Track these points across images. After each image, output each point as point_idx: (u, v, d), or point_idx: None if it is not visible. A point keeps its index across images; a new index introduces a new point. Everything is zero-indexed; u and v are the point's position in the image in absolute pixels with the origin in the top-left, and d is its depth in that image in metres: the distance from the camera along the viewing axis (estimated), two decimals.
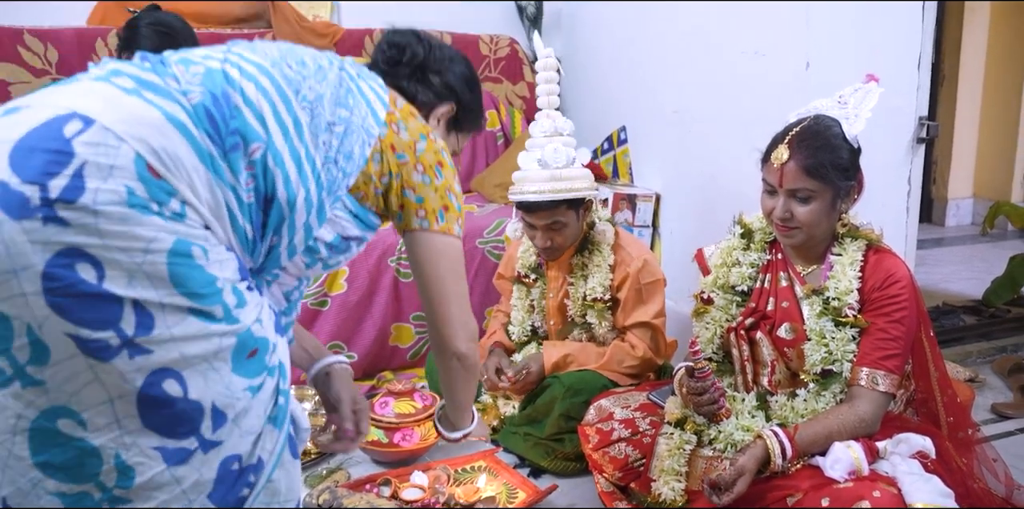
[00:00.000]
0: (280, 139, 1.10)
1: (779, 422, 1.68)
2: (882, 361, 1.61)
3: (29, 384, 0.95)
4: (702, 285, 1.90)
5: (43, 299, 0.91)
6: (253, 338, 1.06)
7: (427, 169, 1.29)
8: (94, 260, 0.93)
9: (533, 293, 2.47)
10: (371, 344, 2.81)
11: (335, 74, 1.23)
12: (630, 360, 2.28)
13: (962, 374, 2.79)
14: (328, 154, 1.17)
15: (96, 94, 1.02)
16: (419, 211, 1.29)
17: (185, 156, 1.00)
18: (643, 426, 1.94)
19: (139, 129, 0.98)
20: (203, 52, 1.15)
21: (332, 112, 1.18)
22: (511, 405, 2.38)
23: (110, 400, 0.96)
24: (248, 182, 1.08)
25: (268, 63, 1.14)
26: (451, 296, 1.35)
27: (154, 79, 1.06)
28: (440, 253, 1.33)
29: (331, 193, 1.20)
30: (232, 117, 1.06)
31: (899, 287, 1.63)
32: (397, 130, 1.27)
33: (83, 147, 0.94)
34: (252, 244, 1.12)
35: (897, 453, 1.56)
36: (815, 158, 1.62)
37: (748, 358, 1.81)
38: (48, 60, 3.10)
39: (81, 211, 0.92)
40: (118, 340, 0.94)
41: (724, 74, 2.67)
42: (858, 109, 1.69)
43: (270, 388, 1.09)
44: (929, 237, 5.20)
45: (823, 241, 1.73)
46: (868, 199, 2.13)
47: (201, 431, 1.01)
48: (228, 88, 1.08)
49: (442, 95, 1.47)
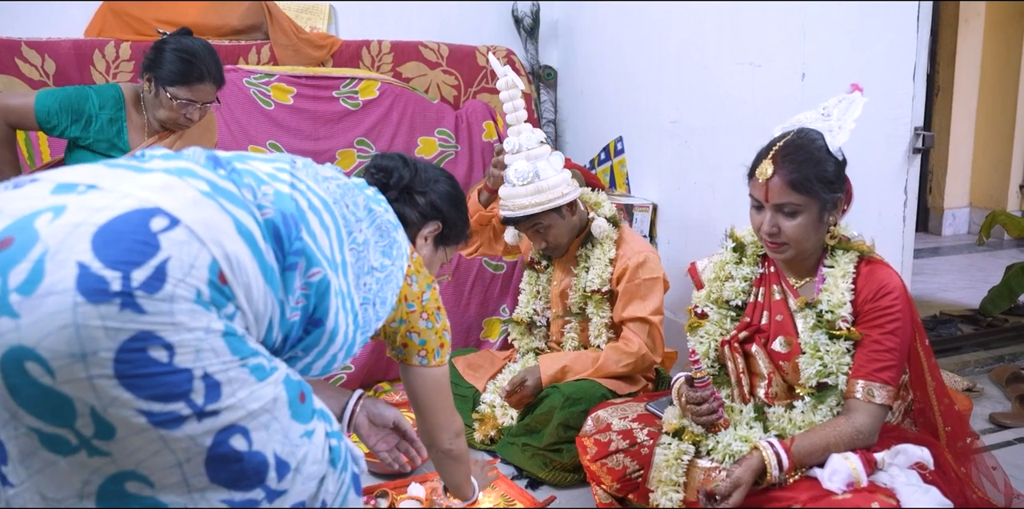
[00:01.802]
0: (332, 273, 1.16)
1: (777, 433, 1.68)
2: (877, 373, 1.61)
3: (95, 454, 0.94)
4: (695, 299, 1.90)
5: (114, 381, 0.91)
6: (293, 382, 1.08)
7: (430, 316, 1.49)
8: (166, 343, 0.93)
9: (541, 279, 2.54)
10: (368, 355, 2.81)
11: (383, 222, 1.35)
12: (626, 358, 2.29)
13: (960, 384, 2.78)
14: (367, 296, 1.28)
15: (176, 192, 1.03)
16: (421, 352, 1.51)
17: (249, 265, 1.03)
18: (641, 437, 1.93)
19: (216, 234, 1.00)
20: (267, 169, 1.18)
21: (376, 258, 1.30)
22: (509, 416, 2.37)
23: (178, 464, 0.96)
24: (299, 301, 1.12)
25: (331, 200, 1.22)
26: (441, 411, 1.61)
27: (230, 188, 1.08)
28: (436, 383, 1.57)
29: (363, 334, 1.29)
30: (298, 239, 1.10)
31: (892, 298, 1.63)
32: (411, 282, 1.43)
33: (168, 243, 0.95)
34: (272, 353, 1.13)
35: (895, 464, 1.55)
36: (799, 172, 1.61)
37: (743, 371, 1.81)
38: (46, 72, 3.11)
39: (159, 301, 0.93)
40: (189, 410, 0.95)
41: (721, 85, 2.68)
42: (841, 120, 1.68)
43: (322, 431, 1.11)
44: (926, 246, 5.21)
45: (814, 254, 1.73)
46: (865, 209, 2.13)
47: (267, 482, 1.02)
48: (297, 215, 1.12)
49: (428, 215, 1.62)
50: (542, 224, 2.30)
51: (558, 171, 2.29)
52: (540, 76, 3.89)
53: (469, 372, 2.55)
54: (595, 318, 2.37)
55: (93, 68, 3.14)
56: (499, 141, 3.77)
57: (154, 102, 2.32)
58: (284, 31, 3.47)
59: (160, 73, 2.27)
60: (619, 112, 3.35)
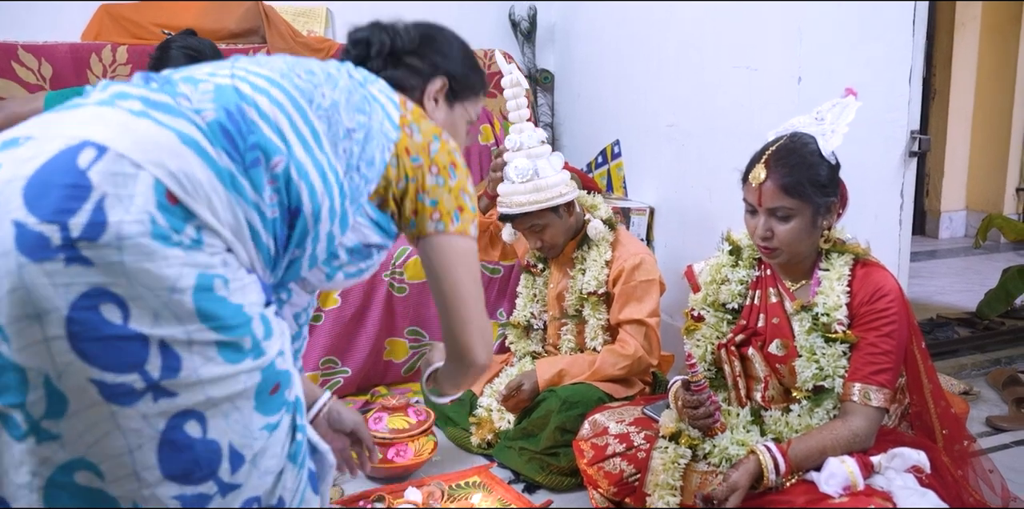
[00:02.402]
0: (301, 151, 1.07)
1: (774, 437, 1.67)
2: (874, 376, 1.61)
3: (45, 439, 0.91)
4: (692, 303, 1.90)
5: (67, 344, 0.88)
6: (276, 372, 1.03)
7: (441, 170, 1.24)
8: (119, 300, 0.89)
9: (538, 282, 2.53)
10: (365, 359, 2.80)
11: (346, 80, 1.19)
12: (622, 361, 2.29)
13: (956, 387, 2.78)
14: (350, 162, 1.14)
15: (104, 119, 0.98)
16: (434, 214, 1.24)
17: (203, 177, 0.97)
18: (638, 441, 1.93)
19: (155, 153, 0.94)
20: (207, 69, 1.11)
21: (350, 118, 1.15)
22: (506, 420, 2.37)
23: (129, 451, 0.92)
24: (272, 197, 1.04)
25: (277, 75, 1.11)
26: (470, 301, 1.28)
27: (164, 99, 1.02)
28: (458, 255, 1.27)
29: (354, 201, 1.17)
30: (250, 132, 1.03)
31: (887, 301, 1.63)
32: (411, 133, 1.23)
33: (100, 177, 0.90)
34: (274, 260, 1.09)
35: (892, 468, 1.55)
36: (792, 176, 1.62)
37: (740, 374, 1.81)
38: (42, 75, 3.10)
39: (105, 248, 0.88)
40: (143, 384, 0.91)
41: (717, 88, 2.68)
42: (835, 124, 1.68)
43: (287, 425, 1.06)
44: (923, 249, 5.21)
45: (808, 257, 1.73)
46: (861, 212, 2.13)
47: (219, 474, 0.97)
48: (242, 103, 1.04)
49: (427, 73, 1.38)
50: (539, 223, 2.31)
51: (557, 171, 2.31)
52: (537, 79, 3.89)
53: None
54: (591, 320, 2.37)
55: (90, 72, 3.14)
56: (496, 145, 3.78)
57: None
58: (281, 34, 3.47)
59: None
60: (616, 115, 3.35)
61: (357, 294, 2.77)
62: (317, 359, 2.73)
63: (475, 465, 2.33)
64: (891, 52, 2.33)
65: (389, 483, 2.20)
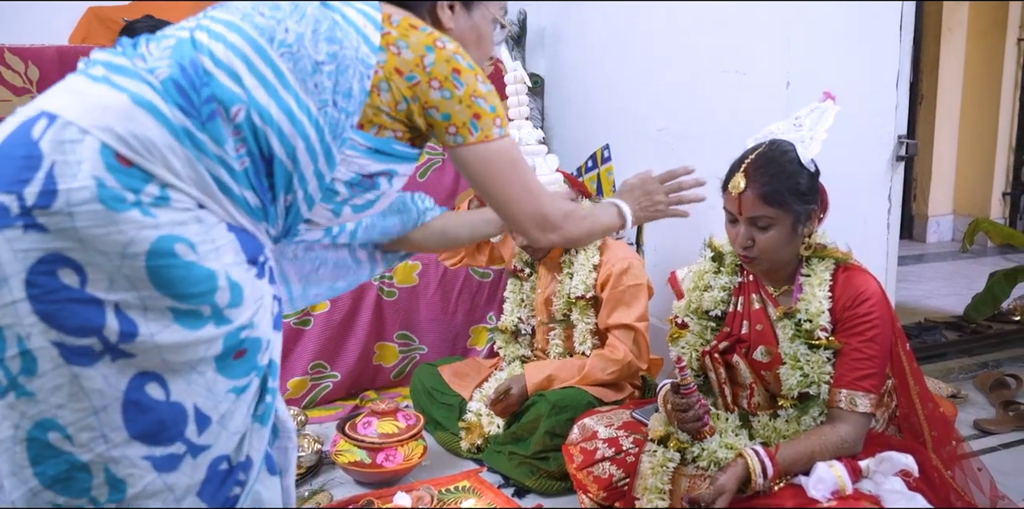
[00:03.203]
0: (263, 94, 1.04)
1: (762, 441, 1.67)
2: (859, 382, 1.60)
3: (22, 394, 0.95)
4: (676, 310, 1.89)
5: (29, 306, 0.92)
6: (240, 341, 1.03)
7: (444, 82, 1.16)
8: (75, 265, 0.93)
9: (525, 287, 2.53)
10: (354, 363, 2.79)
11: (314, 7, 1.12)
12: (611, 365, 2.29)
13: (944, 390, 2.80)
14: (323, 97, 1.09)
15: (66, 89, 1.02)
16: (449, 128, 1.18)
17: (157, 137, 0.98)
18: (627, 445, 1.93)
19: (103, 117, 0.97)
20: (184, 21, 1.11)
21: (318, 50, 1.09)
22: (495, 424, 2.36)
23: (95, 412, 0.95)
24: (239, 148, 1.04)
25: (238, 17, 1.08)
26: (511, 199, 1.25)
27: (122, 62, 1.03)
28: (485, 164, 1.21)
29: (336, 136, 1.12)
30: (204, 84, 1.02)
31: (869, 305, 1.63)
32: (398, 51, 1.14)
33: (49, 146, 0.94)
34: (263, 211, 1.09)
35: (880, 472, 1.55)
36: (771, 185, 1.61)
37: (725, 381, 1.81)
38: (29, 78, 3.08)
39: (58, 215, 0.92)
40: (100, 345, 0.94)
41: (706, 93, 2.69)
42: (813, 131, 1.68)
43: (255, 387, 1.07)
44: (910, 253, 5.24)
45: (790, 263, 1.72)
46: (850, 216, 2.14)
47: (187, 435, 1.00)
48: (197, 54, 1.03)
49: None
50: None
51: (552, 171, 2.33)
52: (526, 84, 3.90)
53: (455, 380, 2.54)
54: (580, 324, 2.37)
55: None
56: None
57: None
58: None
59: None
60: (606, 120, 3.35)
61: (346, 298, 2.77)
62: (306, 364, 2.72)
63: (465, 470, 2.32)
64: (878, 57, 2.34)
65: (378, 488, 2.19)
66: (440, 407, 2.49)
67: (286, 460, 1.19)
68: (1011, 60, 5.34)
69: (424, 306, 2.89)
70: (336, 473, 2.27)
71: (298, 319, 2.71)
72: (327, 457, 2.30)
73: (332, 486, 2.21)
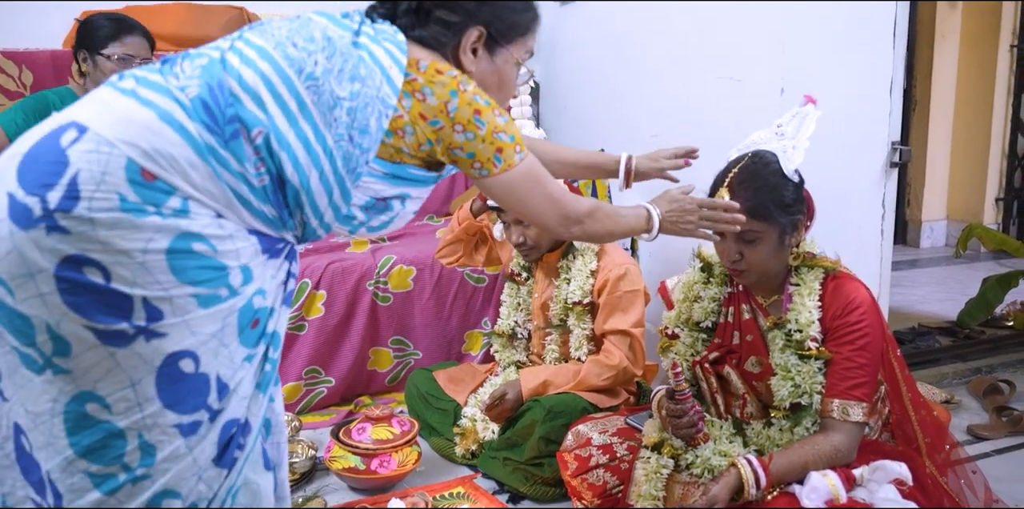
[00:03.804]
0: (283, 121, 1.10)
1: (756, 448, 1.67)
2: (851, 391, 1.60)
3: (59, 372, 1.02)
4: (666, 320, 1.89)
5: (59, 298, 0.98)
6: (253, 309, 1.11)
7: (467, 125, 1.22)
8: (99, 264, 0.99)
9: (522, 291, 2.52)
10: (349, 368, 2.79)
11: (346, 45, 1.16)
12: (607, 371, 2.28)
13: (938, 396, 2.80)
14: (339, 131, 1.14)
15: (96, 100, 1.08)
16: (474, 164, 1.26)
17: (180, 154, 1.04)
18: (621, 452, 1.93)
19: (130, 132, 1.02)
20: (219, 41, 1.17)
21: (342, 87, 1.14)
22: (490, 430, 2.36)
23: (131, 385, 1.03)
24: (259, 166, 1.10)
25: (271, 45, 1.13)
26: (537, 211, 1.36)
27: (155, 78, 1.10)
28: (510, 188, 1.31)
29: (351, 170, 1.16)
30: (229, 105, 1.08)
31: (859, 313, 1.63)
32: (423, 98, 1.19)
33: (76, 155, 1.00)
34: (281, 221, 1.15)
35: (874, 480, 1.55)
36: (755, 200, 1.61)
37: (717, 390, 1.80)
38: (23, 83, 3.08)
39: (77, 220, 0.98)
40: (132, 330, 1.01)
41: (701, 99, 2.69)
42: (796, 140, 1.67)
43: (260, 355, 1.15)
44: (904, 259, 5.25)
45: (779, 274, 1.72)
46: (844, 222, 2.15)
47: (209, 403, 1.08)
48: (225, 76, 1.09)
49: (460, 25, 1.30)
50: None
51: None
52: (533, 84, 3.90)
53: (450, 386, 2.54)
54: (576, 330, 2.37)
55: (71, 79, 3.11)
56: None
57: (95, 77, 2.32)
58: None
59: (91, 41, 2.30)
60: (601, 126, 3.36)
61: (341, 303, 2.76)
62: (300, 369, 2.71)
63: (459, 476, 2.32)
64: (872, 63, 2.35)
65: (372, 494, 2.18)
66: (435, 413, 2.49)
67: (279, 455, 1.25)
68: (1004, 66, 5.36)
69: (419, 311, 2.89)
70: (330, 479, 2.27)
71: (292, 324, 2.71)
72: (321, 463, 2.29)
73: (326, 492, 2.20)
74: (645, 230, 1.54)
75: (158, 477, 1.06)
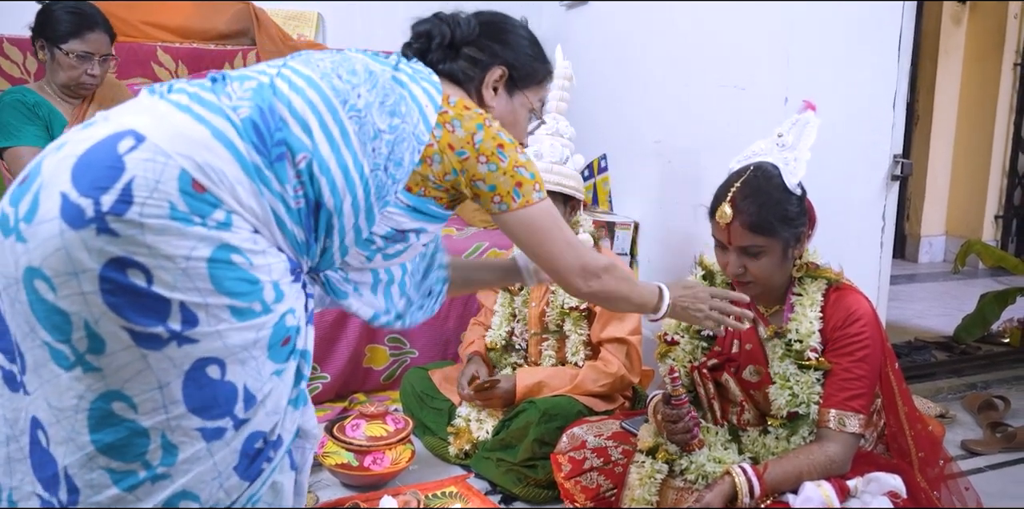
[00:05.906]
0: (327, 148, 1.17)
1: (751, 456, 1.67)
2: (849, 402, 1.60)
3: (89, 370, 1.05)
4: (665, 327, 1.89)
5: (100, 298, 1.02)
6: (285, 327, 1.15)
7: (490, 157, 1.31)
8: (143, 267, 1.03)
9: (516, 301, 2.50)
10: (344, 365, 2.78)
11: (387, 80, 1.27)
12: (604, 378, 2.28)
13: (933, 410, 2.80)
14: (376, 161, 1.23)
15: (151, 111, 1.12)
16: (494, 198, 1.33)
17: (229, 170, 1.09)
18: (615, 455, 1.92)
19: (186, 146, 1.07)
20: (263, 66, 1.24)
21: (383, 120, 1.23)
22: (484, 430, 2.36)
23: (159, 387, 1.06)
24: (297, 189, 1.16)
25: (318, 75, 1.21)
26: (555, 254, 1.39)
27: (208, 96, 1.14)
28: (528, 224, 1.36)
29: (380, 198, 1.25)
30: (278, 129, 1.14)
31: (860, 325, 1.63)
32: (452, 129, 1.30)
33: (133, 163, 1.04)
34: (306, 246, 1.21)
35: (868, 492, 1.55)
36: (759, 215, 1.61)
37: (714, 396, 1.80)
38: (27, 69, 3.08)
39: (128, 223, 1.02)
40: (167, 334, 1.05)
41: (705, 106, 2.70)
42: (797, 150, 1.66)
43: (292, 371, 1.18)
44: (902, 273, 5.26)
45: (782, 285, 1.72)
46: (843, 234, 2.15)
47: (235, 412, 1.11)
48: (275, 101, 1.15)
49: (486, 63, 1.43)
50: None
51: (578, 170, 2.38)
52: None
53: (445, 385, 2.53)
54: (572, 335, 2.37)
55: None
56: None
57: (52, 68, 2.31)
58: (271, 37, 3.46)
59: (52, 33, 2.29)
60: (604, 130, 3.36)
61: None
62: None
63: (452, 475, 2.31)
64: (876, 76, 2.35)
65: (365, 491, 2.18)
66: (429, 411, 2.48)
67: (303, 459, 1.30)
68: (1007, 84, 5.38)
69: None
70: (323, 475, 2.26)
71: None
72: (314, 459, 2.28)
73: (319, 488, 2.20)
74: (654, 308, 1.53)
75: (178, 477, 1.08)
